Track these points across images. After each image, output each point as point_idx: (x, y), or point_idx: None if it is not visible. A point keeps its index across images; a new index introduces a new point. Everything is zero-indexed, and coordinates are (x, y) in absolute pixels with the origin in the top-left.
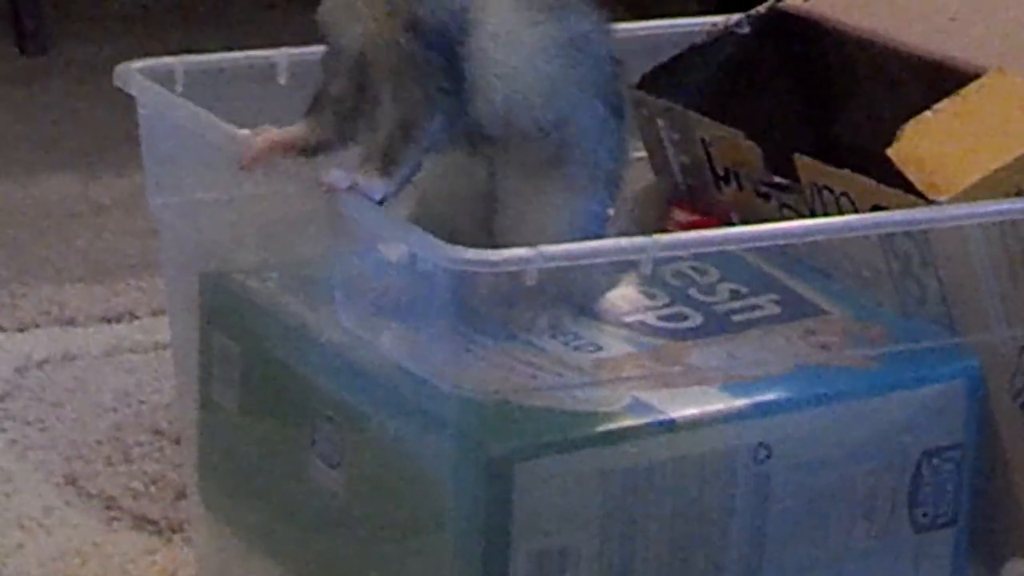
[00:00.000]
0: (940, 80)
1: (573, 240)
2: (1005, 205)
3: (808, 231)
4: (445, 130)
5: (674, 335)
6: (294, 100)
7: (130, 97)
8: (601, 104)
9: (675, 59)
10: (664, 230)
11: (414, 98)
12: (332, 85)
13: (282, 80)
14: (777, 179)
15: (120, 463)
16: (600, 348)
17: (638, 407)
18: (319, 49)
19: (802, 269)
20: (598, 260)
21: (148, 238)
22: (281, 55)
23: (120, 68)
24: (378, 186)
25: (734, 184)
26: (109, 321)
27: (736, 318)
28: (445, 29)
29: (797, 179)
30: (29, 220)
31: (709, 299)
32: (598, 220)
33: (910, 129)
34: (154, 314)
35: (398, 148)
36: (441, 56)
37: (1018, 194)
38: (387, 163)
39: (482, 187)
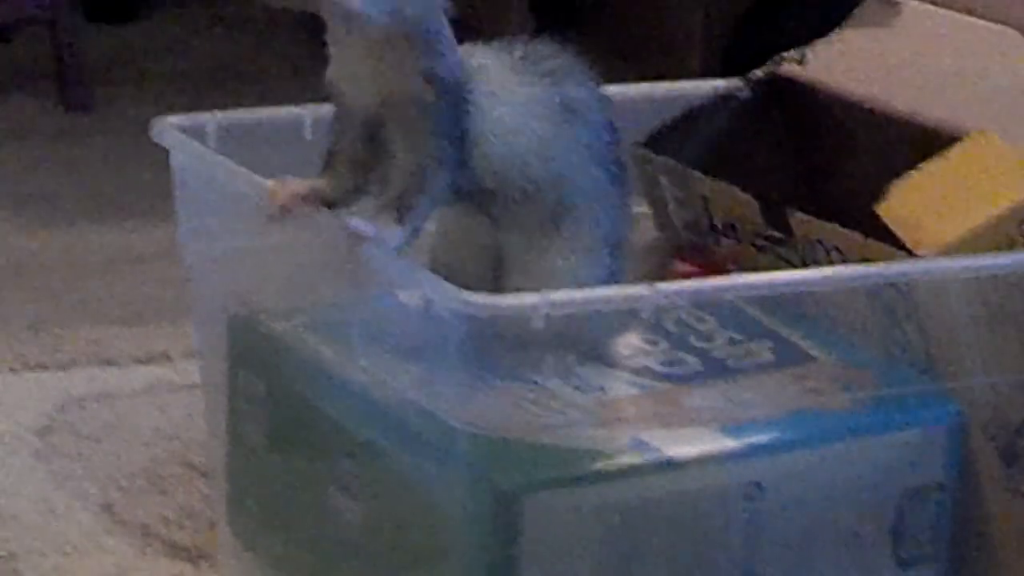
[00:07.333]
0: (926, 141)
1: None
2: (985, 260)
3: (801, 282)
4: (452, 181)
5: (674, 379)
6: (318, 153)
7: (167, 153)
8: (598, 169)
9: (678, 120)
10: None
11: (426, 148)
12: (343, 142)
13: (307, 135)
14: (773, 233)
15: (154, 494)
16: (604, 390)
17: (639, 446)
18: None
19: (795, 318)
20: (602, 307)
21: (182, 285)
22: (306, 112)
23: (156, 123)
24: (395, 234)
25: (732, 237)
26: (145, 362)
27: (732, 364)
28: (456, 83)
29: (791, 233)
30: (72, 267)
31: (707, 346)
32: (601, 284)
33: (898, 187)
34: (187, 356)
35: (411, 196)
36: (451, 107)
37: (997, 249)
38: (402, 211)
39: (488, 243)
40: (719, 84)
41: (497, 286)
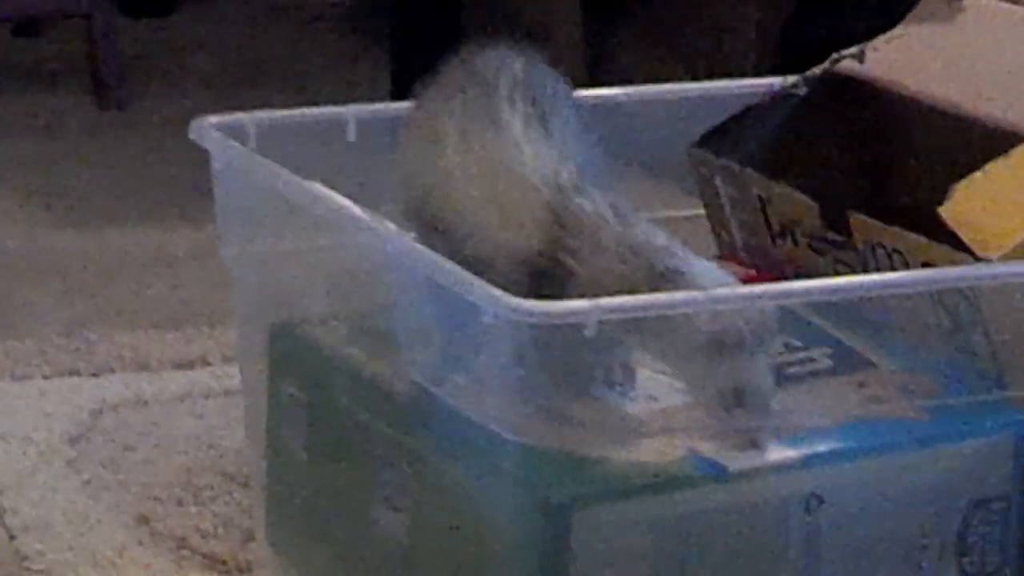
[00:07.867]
0: (991, 140)
1: None
2: None
3: (861, 287)
4: None
5: None
6: (362, 155)
7: (204, 152)
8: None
9: (734, 119)
10: None
11: None
12: None
13: (351, 136)
14: (832, 235)
15: (190, 505)
16: (657, 399)
17: (693, 457)
18: (385, 106)
19: (855, 323)
20: (656, 313)
21: (220, 288)
22: (349, 112)
23: (196, 123)
24: None
25: (789, 240)
26: (182, 367)
27: (790, 371)
28: None
29: (851, 236)
30: (106, 269)
31: None
32: None
33: (961, 188)
34: (225, 361)
35: None
36: None
37: None
38: None
39: None
40: (776, 82)
41: None
